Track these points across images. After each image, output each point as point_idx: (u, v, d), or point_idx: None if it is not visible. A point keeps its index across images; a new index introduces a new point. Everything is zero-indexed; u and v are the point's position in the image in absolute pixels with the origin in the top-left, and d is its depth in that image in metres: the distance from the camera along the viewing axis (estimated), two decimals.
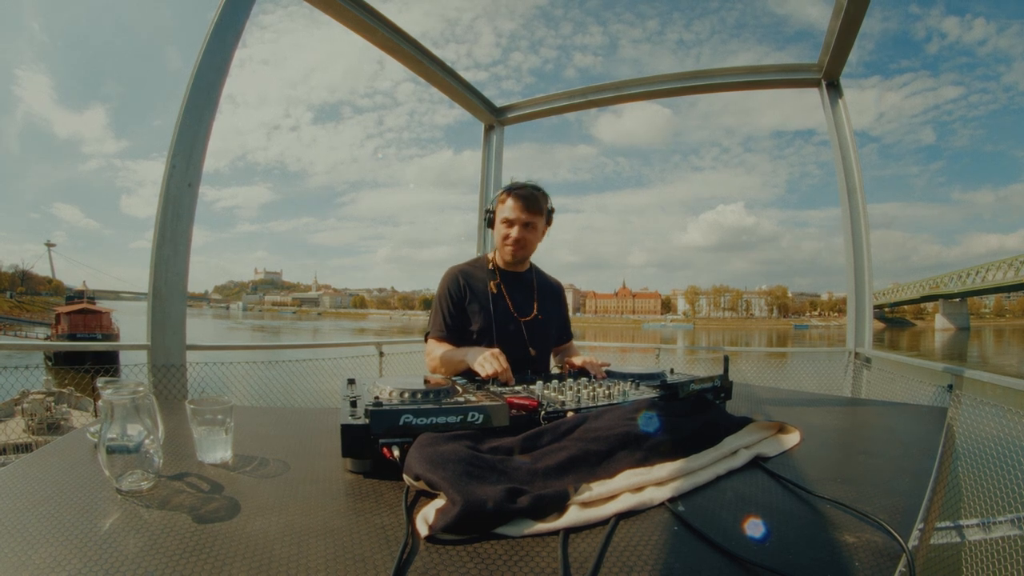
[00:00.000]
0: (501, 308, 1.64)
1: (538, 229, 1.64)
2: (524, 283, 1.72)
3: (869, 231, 3.52)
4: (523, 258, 1.67)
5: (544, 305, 1.71)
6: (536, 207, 1.59)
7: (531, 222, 1.59)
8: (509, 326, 1.63)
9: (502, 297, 1.64)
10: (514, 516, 0.70)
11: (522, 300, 1.69)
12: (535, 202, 1.58)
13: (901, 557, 0.64)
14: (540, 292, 1.73)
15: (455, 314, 1.63)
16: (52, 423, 7.04)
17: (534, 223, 1.60)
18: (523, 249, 1.63)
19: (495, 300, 1.63)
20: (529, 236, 1.61)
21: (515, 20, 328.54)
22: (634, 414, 1.01)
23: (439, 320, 1.63)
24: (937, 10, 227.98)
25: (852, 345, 3.53)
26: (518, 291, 1.69)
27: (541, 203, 1.61)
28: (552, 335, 1.76)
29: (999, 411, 2.14)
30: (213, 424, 0.93)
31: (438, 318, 1.64)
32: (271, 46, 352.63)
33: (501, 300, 1.64)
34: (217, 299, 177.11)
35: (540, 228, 1.65)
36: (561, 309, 1.81)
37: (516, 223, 1.59)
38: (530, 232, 1.61)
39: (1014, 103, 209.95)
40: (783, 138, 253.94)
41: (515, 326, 1.64)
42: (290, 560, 0.61)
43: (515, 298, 1.67)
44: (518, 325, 1.64)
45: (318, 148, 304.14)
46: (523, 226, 1.59)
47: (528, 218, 1.58)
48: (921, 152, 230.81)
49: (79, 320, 25.31)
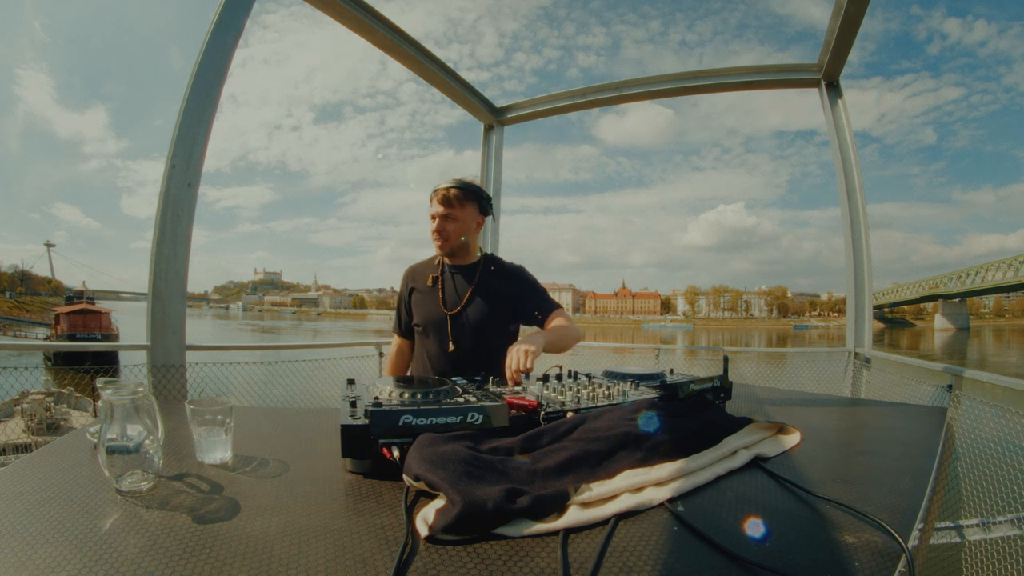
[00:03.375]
0: (431, 302, 1.72)
1: (460, 220, 1.68)
2: (467, 276, 1.73)
3: (869, 231, 3.53)
4: (451, 249, 1.71)
5: (482, 298, 1.68)
6: (451, 202, 1.66)
7: (449, 214, 1.67)
8: (435, 320, 1.69)
9: (435, 291, 1.72)
10: (514, 516, 0.70)
11: (455, 294, 1.71)
12: (450, 198, 1.66)
13: (901, 557, 0.64)
14: (483, 284, 1.71)
15: (406, 311, 1.79)
16: (52, 423, 7.04)
17: (453, 214, 1.67)
18: (447, 240, 1.69)
19: (428, 294, 1.73)
20: (450, 227, 1.67)
21: (518, 20, 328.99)
22: (634, 414, 1.01)
23: (395, 317, 1.85)
24: (939, 11, 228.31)
25: (852, 345, 3.53)
26: (456, 284, 1.73)
27: (461, 196, 1.67)
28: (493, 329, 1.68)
29: (999, 411, 2.14)
30: (213, 424, 0.93)
31: (395, 315, 1.85)
32: (273, 46, 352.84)
33: (433, 294, 1.72)
34: (217, 299, 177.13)
35: (464, 218, 1.69)
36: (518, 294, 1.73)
37: (436, 217, 1.68)
38: (450, 223, 1.67)
39: (1014, 104, 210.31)
40: (785, 138, 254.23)
41: (440, 320, 1.68)
42: (290, 560, 0.61)
43: (447, 292, 1.72)
44: (443, 319, 1.68)
45: (319, 148, 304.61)
46: (442, 218, 1.67)
47: (446, 211, 1.66)
48: (922, 152, 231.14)
49: (79, 320, 25.27)
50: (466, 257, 1.76)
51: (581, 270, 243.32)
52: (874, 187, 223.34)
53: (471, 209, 1.70)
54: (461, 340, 1.66)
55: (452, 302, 1.70)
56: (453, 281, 1.73)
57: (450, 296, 1.71)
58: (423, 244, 1.99)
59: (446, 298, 1.70)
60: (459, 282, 1.73)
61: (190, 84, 2.46)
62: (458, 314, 1.68)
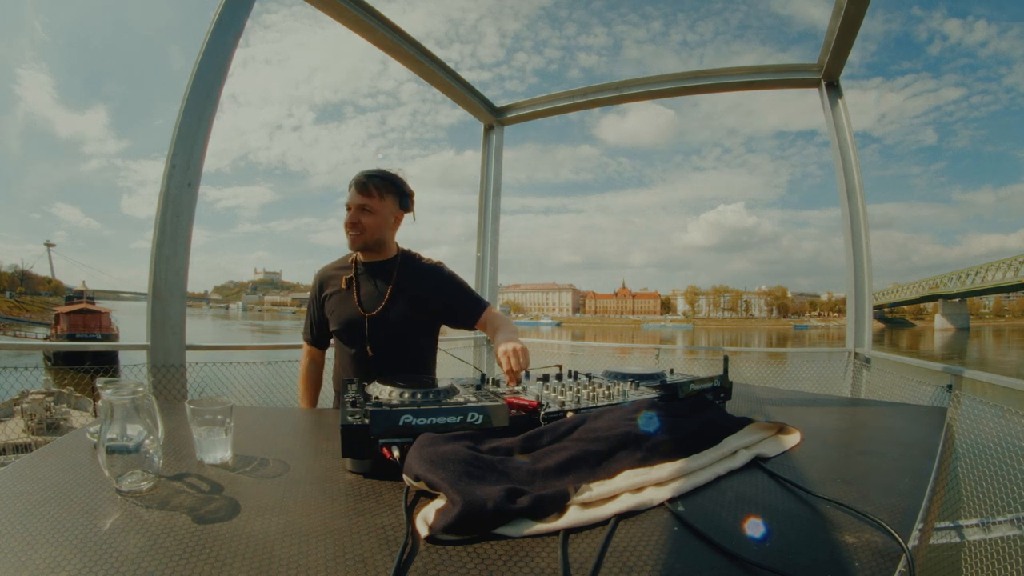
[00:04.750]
0: (347, 305, 1.60)
1: (378, 212, 1.56)
2: (383, 274, 1.61)
3: (869, 231, 3.53)
4: (364, 244, 1.58)
5: (402, 296, 1.58)
6: (369, 191, 1.55)
7: (366, 205, 1.54)
8: (352, 322, 1.58)
9: (350, 293, 1.60)
10: (514, 516, 0.70)
11: (372, 294, 1.59)
12: (368, 186, 1.55)
13: (901, 557, 0.64)
14: (400, 283, 1.60)
15: (317, 318, 1.68)
16: (52, 423, 7.04)
17: (370, 206, 1.55)
18: (361, 234, 1.55)
19: (343, 297, 1.61)
20: (365, 220, 1.55)
21: (519, 20, 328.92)
22: (634, 414, 1.01)
23: (305, 324, 1.73)
24: (939, 12, 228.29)
25: (852, 345, 3.53)
26: (372, 285, 1.60)
27: (379, 187, 1.56)
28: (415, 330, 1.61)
29: (999, 411, 2.14)
30: (213, 424, 0.93)
31: (305, 322, 1.73)
32: (275, 45, 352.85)
33: (349, 296, 1.60)
34: (217, 299, 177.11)
35: (383, 212, 1.57)
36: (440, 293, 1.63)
37: (351, 207, 1.56)
38: (366, 216, 1.55)
39: (1015, 104, 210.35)
40: (785, 138, 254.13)
41: (357, 321, 1.57)
42: (290, 560, 0.61)
43: (363, 293, 1.59)
44: (360, 321, 1.57)
45: (320, 148, 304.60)
46: (358, 209, 1.55)
47: (363, 201, 1.54)
48: (922, 153, 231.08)
49: (78, 320, 25.26)
50: (382, 253, 1.63)
51: (581, 270, 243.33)
52: (874, 187, 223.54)
53: (390, 202, 1.58)
54: (380, 344, 1.56)
55: (370, 303, 1.58)
56: (371, 281, 1.61)
57: (367, 297, 1.58)
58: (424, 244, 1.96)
59: (362, 299, 1.58)
60: (377, 282, 1.60)
61: (190, 84, 2.46)
62: (377, 316, 1.56)
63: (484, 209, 4.56)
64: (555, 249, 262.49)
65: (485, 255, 4.52)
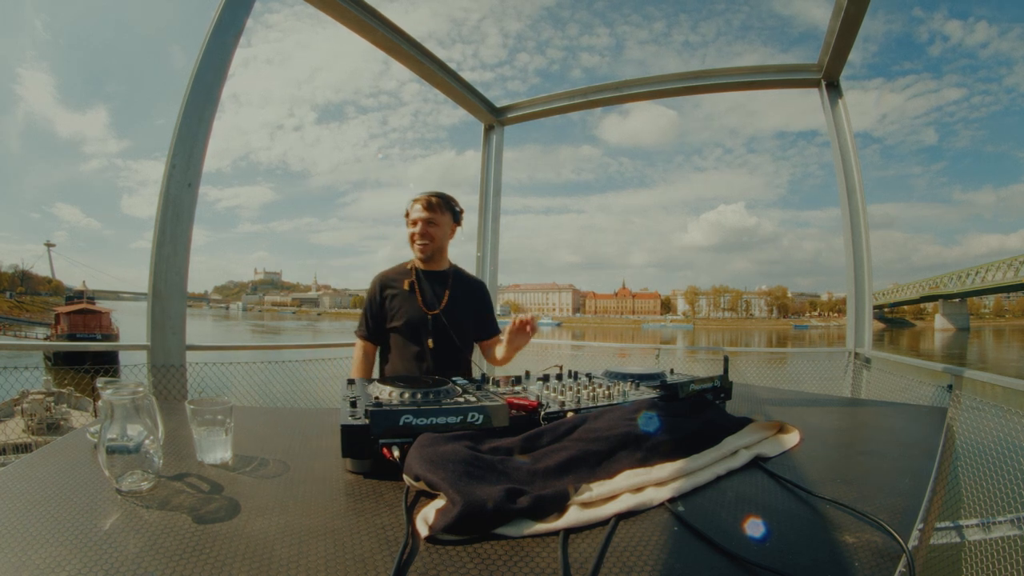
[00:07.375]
0: (412, 303, 1.83)
1: (440, 225, 1.83)
2: (439, 281, 1.87)
3: (869, 231, 3.53)
4: (431, 252, 1.83)
5: (456, 301, 1.85)
6: (434, 207, 1.81)
7: (432, 219, 1.80)
8: (415, 318, 1.80)
9: (413, 294, 1.83)
10: (514, 516, 0.70)
11: (432, 296, 1.84)
12: (433, 203, 1.81)
13: (901, 557, 0.64)
14: (455, 289, 1.87)
15: (374, 315, 1.87)
16: (52, 423, 7.04)
17: (435, 220, 1.81)
18: (430, 242, 1.81)
19: (407, 297, 1.84)
20: (432, 231, 1.81)
21: (522, 21, 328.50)
22: (634, 414, 1.01)
23: (361, 321, 1.91)
24: (940, 13, 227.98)
25: (852, 345, 3.53)
26: (431, 288, 1.86)
27: (442, 204, 1.83)
28: (465, 330, 1.87)
29: (999, 411, 2.14)
30: (213, 424, 0.93)
31: (361, 319, 1.92)
32: (276, 45, 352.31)
33: (412, 297, 1.83)
34: (217, 299, 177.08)
35: (444, 225, 1.85)
36: (480, 305, 1.93)
37: (419, 221, 1.81)
38: (432, 228, 1.81)
39: (1015, 105, 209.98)
40: (786, 139, 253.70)
41: (420, 319, 1.80)
42: (290, 560, 0.61)
43: (425, 294, 1.84)
44: (423, 317, 1.80)
45: (321, 148, 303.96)
46: (425, 223, 1.80)
47: (429, 216, 1.80)
48: (923, 153, 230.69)
49: (79, 320, 25.26)
50: (439, 263, 1.90)
51: (581, 270, 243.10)
52: (875, 187, 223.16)
53: (448, 216, 1.86)
54: (440, 338, 1.79)
55: (431, 303, 1.83)
56: (430, 286, 1.86)
57: (428, 298, 1.84)
58: None
59: (425, 299, 1.83)
60: (435, 287, 1.86)
61: (190, 84, 2.46)
62: (438, 314, 1.81)
63: (484, 209, 4.56)
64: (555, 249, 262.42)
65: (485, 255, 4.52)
